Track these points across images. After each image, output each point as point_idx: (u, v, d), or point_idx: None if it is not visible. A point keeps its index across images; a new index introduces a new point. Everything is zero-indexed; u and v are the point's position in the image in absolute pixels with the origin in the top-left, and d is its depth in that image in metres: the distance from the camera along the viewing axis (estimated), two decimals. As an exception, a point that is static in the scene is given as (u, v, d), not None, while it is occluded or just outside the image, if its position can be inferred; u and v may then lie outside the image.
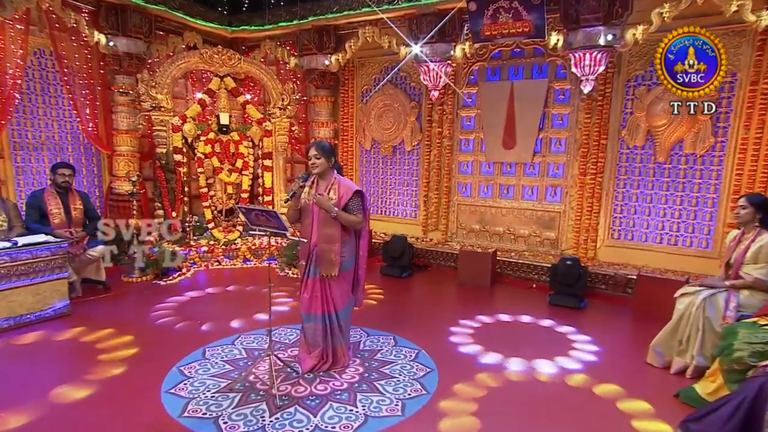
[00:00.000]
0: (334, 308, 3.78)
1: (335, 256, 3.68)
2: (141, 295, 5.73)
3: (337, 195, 3.67)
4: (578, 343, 4.56)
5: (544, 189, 6.98)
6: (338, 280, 3.75)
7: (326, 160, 3.70)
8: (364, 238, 3.92)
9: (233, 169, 7.61)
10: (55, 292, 4.71)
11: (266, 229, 3.45)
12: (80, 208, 5.54)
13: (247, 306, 5.34)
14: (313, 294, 3.75)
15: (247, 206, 3.47)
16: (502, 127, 7.10)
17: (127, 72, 7.29)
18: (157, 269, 6.29)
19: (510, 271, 6.72)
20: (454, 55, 6.83)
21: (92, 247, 5.50)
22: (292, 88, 7.84)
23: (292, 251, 6.96)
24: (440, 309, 5.61)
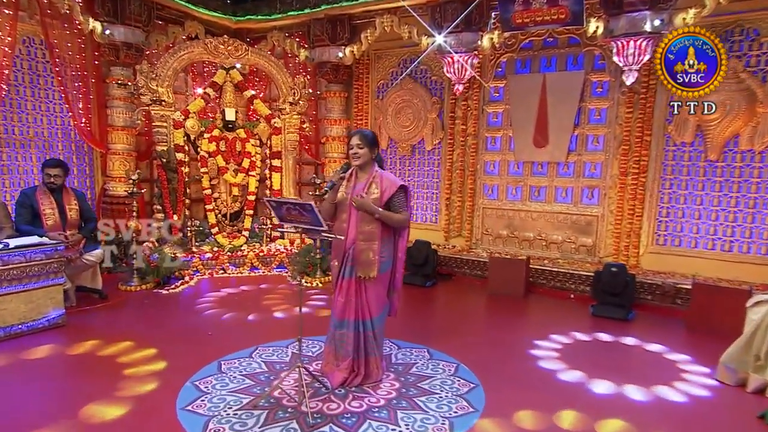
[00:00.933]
0: (369, 314, 3.62)
1: (374, 256, 3.53)
2: (142, 304, 5.58)
3: (380, 189, 3.53)
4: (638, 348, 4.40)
5: (579, 191, 6.84)
6: (375, 283, 3.60)
7: (369, 150, 3.57)
8: (404, 238, 3.77)
9: (239, 169, 7.47)
10: (49, 300, 4.54)
11: (298, 225, 3.30)
12: (76, 208, 5.38)
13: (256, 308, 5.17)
14: (347, 297, 3.60)
15: (278, 199, 3.32)
16: (533, 124, 6.98)
17: (124, 63, 7.18)
18: (158, 277, 6.13)
19: (543, 281, 6.56)
20: (482, 45, 6.72)
21: (89, 252, 5.34)
22: (303, 81, 7.73)
23: (305, 258, 6.80)
24: (473, 320, 5.49)
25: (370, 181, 3.57)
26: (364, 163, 3.58)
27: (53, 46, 6.64)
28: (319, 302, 5.80)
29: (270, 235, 7.65)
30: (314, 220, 3.17)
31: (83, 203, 5.52)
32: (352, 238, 3.56)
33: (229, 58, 7.40)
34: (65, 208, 5.30)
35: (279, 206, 3.31)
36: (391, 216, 3.50)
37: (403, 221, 3.58)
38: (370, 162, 3.60)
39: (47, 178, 5.19)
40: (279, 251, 7.27)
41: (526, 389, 3.71)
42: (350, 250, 3.56)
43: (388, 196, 3.52)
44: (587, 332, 5.00)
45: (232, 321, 5.08)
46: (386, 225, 3.55)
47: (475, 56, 6.85)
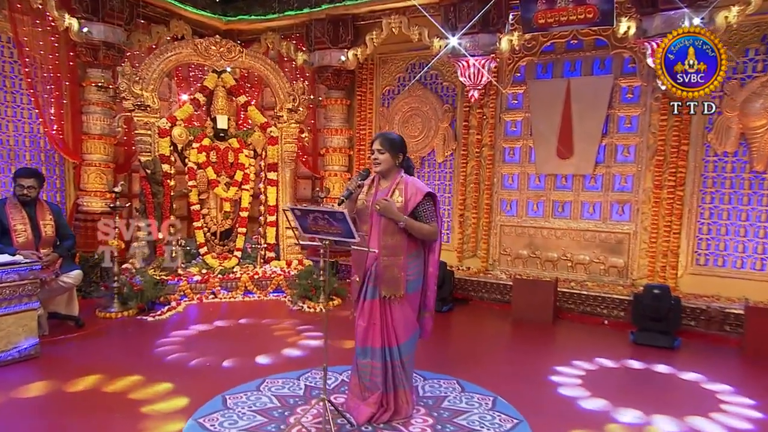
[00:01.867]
0: (396, 340, 3.43)
1: (400, 272, 3.35)
2: (125, 333, 5.33)
3: (404, 197, 3.37)
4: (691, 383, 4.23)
5: (608, 206, 6.74)
6: (402, 304, 3.42)
7: (392, 156, 3.42)
8: (435, 252, 3.59)
9: (231, 182, 7.27)
10: (21, 327, 4.28)
11: (326, 237, 3.12)
12: (51, 224, 5.14)
13: (264, 344, 4.96)
14: (370, 321, 3.41)
15: (302, 207, 3.14)
16: (555, 133, 6.91)
17: (103, 65, 7.04)
18: (142, 302, 5.87)
19: (572, 305, 6.40)
20: (500, 48, 6.66)
21: (66, 273, 5.09)
22: (302, 87, 7.61)
23: (306, 280, 6.60)
24: (502, 349, 5.34)
25: (393, 188, 3.41)
26: (386, 170, 3.43)
27: (23, 45, 6.46)
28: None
29: (264, 256, 7.43)
30: (346, 230, 2.99)
31: (59, 219, 5.29)
32: (374, 254, 3.38)
33: (222, 60, 7.26)
34: (39, 223, 5.06)
35: (304, 215, 3.13)
36: (419, 227, 3.33)
37: (432, 233, 3.40)
38: (394, 169, 3.44)
39: (20, 189, 4.95)
40: (275, 273, 7.05)
41: (577, 426, 3.51)
42: (372, 266, 3.39)
43: (413, 205, 3.35)
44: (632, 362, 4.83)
45: (231, 351, 4.84)
46: (413, 237, 3.38)
47: (492, 60, 6.79)
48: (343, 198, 3.37)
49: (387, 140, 3.44)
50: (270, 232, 7.55)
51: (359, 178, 3.49)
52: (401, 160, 3.47)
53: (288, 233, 7.60)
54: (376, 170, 3.45)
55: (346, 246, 3.17)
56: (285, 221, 7.58)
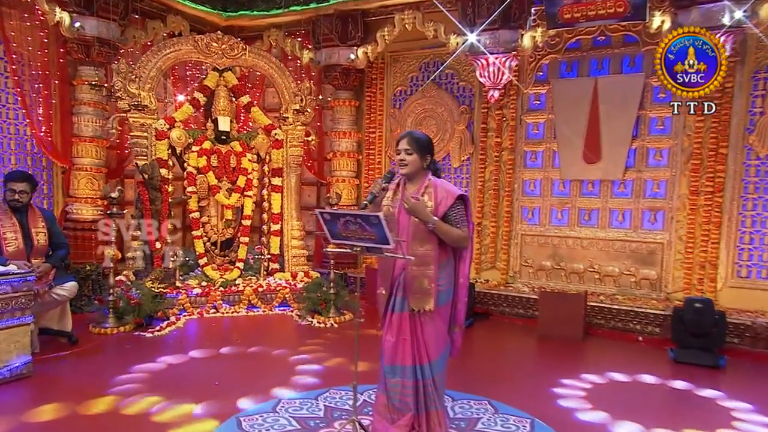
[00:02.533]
0: (427, 357, 3.32)
1: (430, 284, 3.25)
2: (123, 350, 5.22)
3: (434, 200, 3.28)
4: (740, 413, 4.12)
5: (639, 214, 6.68)
6: (433, 318, 3.31)
7: (420, 157, 3.32)
8: (466, 261, 3.49)
9: (233, 188, 7.19)
10: (13, 344, 4.17)
11: (357, 244, 3.03)
12: (44, 232, 5.03)
13: (275, 362, 4.85)
14: (399, 337, 3.30)
15: (333, 211, 3.05)
16: (582, 136, 6.85)
17: (96, 62, 6.98)
18: (139, 317, 5.76)
19: (601, 320, 6.31)
20: (521, 45, 6.62)
21: (60, 284, 4.98)
22: (308, 87, 7.55)
23: (315, 293, 6.50)
24: (532, 367, 5.25)
25: (422, 191, 3.32)
26: (413, 173, 3.33)
27: (9, 40, 6.40)
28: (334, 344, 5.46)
29: (268, 268, 7.33)
30: (380, 235, 2.90)
31: (53, 226, 5.19)
32: (402, 263, 3.29)
33: (223, 58, 7.20)
34: (31, 231, 4.94)
35: (334, 219, 3.04)
36: (450, 231, 3.23)
37: (464, 238, 3.31)
38: (421, 171, 3.35)
39: (10, 194, 4.85)
40: (281, 286, 6.95)
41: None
42: (400, 277, 3.30)
43: (444, 209, 3.25)
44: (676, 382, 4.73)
45: (241, 367, 4.73)
46: (444, 245, 3.29)
47: (513, 57, 6.74)
48: (366, 202, 3.29)
49: (415, 140, 3.34)
50: (274, 242, 7.46)
51: (383, 180, 3.39)
52: (429, 161, 3.39)
53: (293, 243, 7.52)
54: (403, 172, 3.35)
55: (379, 253, 3.08)
56: (289, 230, 7.52)
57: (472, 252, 3.55)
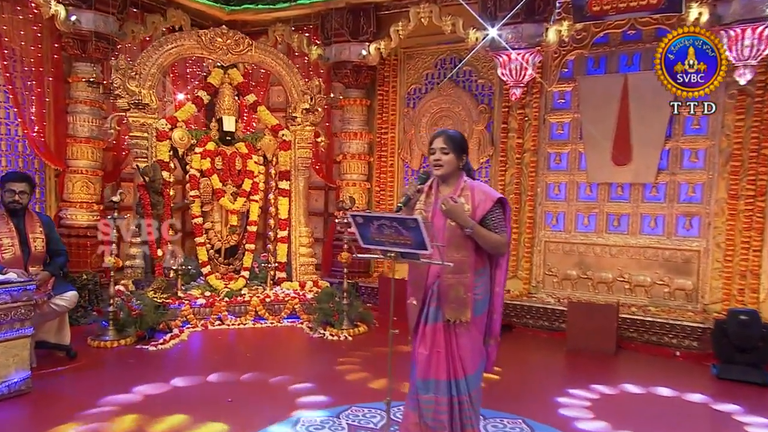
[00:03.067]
0: (463, 371, 3.25)
1: (467, 293, 3.20)
2: (126, 364, 5.15)
3: (471, 204, 3.22)
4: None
5: (673, 219, 6.62)
6: (469, 330, 3.25)
7: (456, 157, 3.27)
8: (503, 268, 3.44)
9: (239, 192, 7.13)
10: (12, 358, 4.09)
11: (391, 249, 2.95)
12: (41, 237, 4.98)
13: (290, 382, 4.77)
14: (433, 349, 3.24)
15: (366, 213, 2.98)
16: (610, 136, 6.79)
17: (93, 58, 6.96)
18: (141, 329, 5.68)
19: (633, 333, 6.22)
20: (546, 39, 6.56)
21: (60, 294, 4.91)
22: (318, 85, 7.50)
23: (327, 304, 6.42)
24: (563, 382, 5.12)
25: (457, 193, 3.26)
26: (448, 173, 3.27)
27: (1, 35, 6.39)
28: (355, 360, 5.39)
29: (274, 277, 7.25)
30: (417, 240, 2.83)
31: (51, 232, 5.14)
32: (436, 270, 3.25)
33: (228, 54, 7.14)
34: (28, 237, 4.89)
35: (367, 223, 2.97)
36: (488, 236, 3.17)
37: (502, 244, 3.26)
38: (457, 172, 3.30)
39: (9, 195, 4.79)
40: (289, 296, 6.87)
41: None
42: (434, 285, 3.25)
43: (482, 213, 3.20)
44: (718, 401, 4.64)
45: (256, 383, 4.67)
46: (480, 251, 3.23)
47: (537, 53, 6.68)
48: (400, 205, 3.21)
49: (450, 138, 3.28)
50: (281, 250, 7.40)
51: (418, 181, 3.34)
52: (464, 162, 3.33)
53: (301, 251, 7.46)
54: (438, 173, 3.29)
55: (414, 259, 3.00)
56: (297, 237, 7.45)
57: (509, 259, 3.48)
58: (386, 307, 7.04)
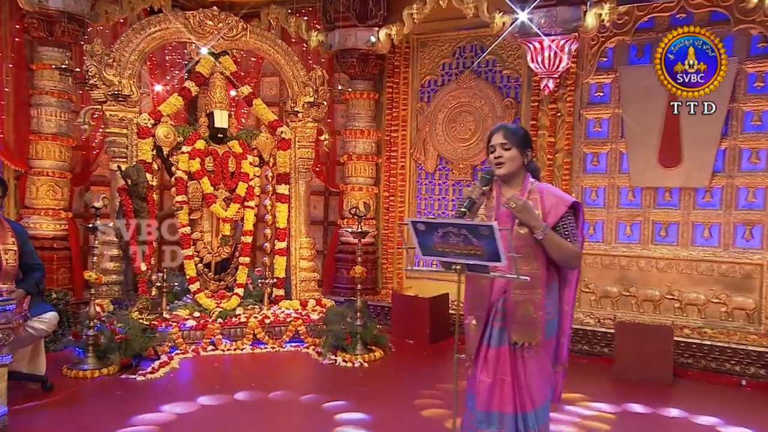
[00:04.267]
0: (531, 403, 3.18)
1: (537, 311, 3.13)
2: (114, 398, 4.98)
3: (541, 209, 3.16)
4: None
5: (731, 228, 6.61)
6: (538, 354, 3.19)
7: (519, 152, 3.22)
8: (572, 285, 3.39)
9: (232, 197, 7.00)
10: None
11: (457, 260, 2.85)
12: (14, 249, 4.83)
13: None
14: (496, 377, 3.16)
15: (429, 220, 2.88)
16: (657, 134, 6.79)
17: (61, 42, 6.87)
18: (126, 356, 5.52)
19: (689, 359, 6.15)
20: (584, 24, 6.54)
21: (38, 315, 4.75)
22: (321, 75, 7.39)
23: (338, 325, 6.29)
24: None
25: (525, 196, 3.19)
26: (512, 172, 3.22)
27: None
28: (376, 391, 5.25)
29: (271, 295, 7.10)
30: (490, 250, 2.72)
31: (25, 244, 5.01)
32: (501, 285, 3.17)
33: (220, 39, 7.02)
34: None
35: (430, 230, 2.86)
36: (562, 244, 3.10)
37: (576, 256, 3.20)
38: (521, 171, 3.25)
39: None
40: (290, 317, 6.73)
41: None
42: (499, 303, 3.18)
43: (554, 220, 3.13)
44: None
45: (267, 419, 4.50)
46: (551, 263, 3.17)
47: (574, 40, 6.66)
48: (464, 210, 3.11)
49: (512, 132, 3.24)
50: (279, 264, 7.26)
51: (482, 183, 3.26)
52: (528, 159, 3.27)
53: (302, 264, 7.33)
54: (500, 172, 3.22)
55: (483, 272, 2.90)
56: (298, 249, 7.33)
57: (580, 273, 3.39)
58: (401, 328, 7.00)
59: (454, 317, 7.17)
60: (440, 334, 7.08)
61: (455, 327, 3.24)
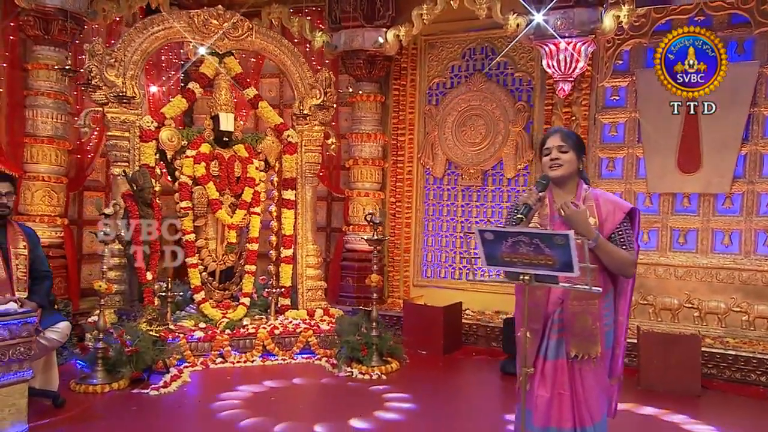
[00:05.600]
0: (590, 418, 3.17)
1: (595, 323, 3.15)
2: (130, 414, 4.90)
3: (597, 217, 3.18)
4: None
5: (752, 235, 6.67)
6: (597, 366, 3.20)
7: (576, 156, 3.25)
8: (627, 295, 3.39)
9: (238, 203, 6.94)
10: (8, 408, 3.88)
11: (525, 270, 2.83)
12: (25, 255, 4.81)
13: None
14: (554, 391, 3.16)
15: (498, 229, 2.86)
16: (675, 139, 6.83)
17: (57, 42, 6.80)
18: (137, 370, 5.44)
19: (713, 370, 6.18)
20: (601, 26, 6.59)
21: (50, 326, 4.67)
22: (328, 77, 7.37)
23: (353, 335, 6.26)
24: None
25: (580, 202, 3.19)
26: (567, 176, 3.24)
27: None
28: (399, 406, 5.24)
29: (277, 304, 7.05)
30: (563, 260, 2.70)
31: (36, 248, 4.98)
32: (558, 296, 3.18)
33: (225, 39, 6.96)
34: (10, 254, 4.68)
35: (499, 240, 2.84)
36: (616, 252, 3.12)
37: (631, 264, 3.20)
38: (575, 176, 3.28)
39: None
40: (299, 327, 6.67)
41: None
42: (555, 314, 3.19)
43: (611, 228, 3.17)
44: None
45: None
46: (607, 272, 3.19)
47: (591, 42, 6.70)
48: (522, 216, 3.11)
49: (568, 135, 3.28)
50: (285, 272, 7.21)
51: (538, 188, 3.25)
52: (583, 164, 3.30)
53: (309, 273, 7.30)
54: (556, 174, 3.23)
55: (552, 282, 2.89)
56: (304, 256, 7.29)
57: (635, 283, 3.40)
58: (413, 338, 6.97)
59: (467, 326, 7.28)
60: (453, 345, 7.08)
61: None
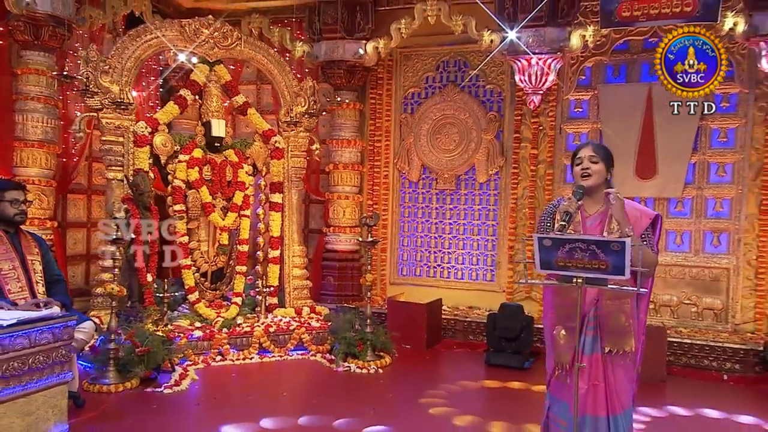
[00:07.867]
0: (620, 406, 3.28)
1: (628, 320, 3.26)
2: (150, 411, 4.80)
3: (626, 222, 3.27)
4: None
5: (701, 235, 6.92)
6: (626, 360, 3.31)
7: (605, 167, 3.37)
8: (647, 295, 3.51)
9: (229, 206, 6.83)
10: (51, 409, 3.68)
11: (578, 274, 2.91)
12: (38, 260, 4.63)
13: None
14: (590, 382, 3.25)
15: (557, 236, 2.93)
16: (634, 148, 7.07)
17: (47, 47, 6.54)
18: (148, 369, 5.30)
19: (671, 357, 6.42)
20: (569, 45, 6.75)
21: (77, 326, 4.46)
22: (312, 86, 7.33)
23: (348, 332, 6.27)
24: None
25: (609, 213, 3.31)
26: (597, 185, 3.34)
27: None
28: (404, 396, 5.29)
29: (266, 303, 6.97)
30: (617, 264, 2.81)
31: (47, 254, 4.78)
32: (593, 296, 3.28)
33: (215, 48, 6.84)
34: (27, 261, 4.49)
35: (556, 246, 2.91)
36: (645, 252, 3.19)
37: (655, 263, 3.36)
38: (603, 187, 3.37)
39: (14, 207, 4.42)
40: (291, 325, 6.62)
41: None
42: (591, 313, 3.27)
43: (638, 233, 3.26)
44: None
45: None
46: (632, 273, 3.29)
47: (559, 59, 6.86)
48: (564, 223, 3.20)
49: (600, 147, 3.42)
50: (272, 272, 7.13)
51: (576, 197, 3.32)
52: (611, 175, 3.42)
53: (295, 272, 7.25)
54: (588, 183, 3.34)
55: (601, 285, 2.99)
56: (291, 257, 7.24)
57: (653, 284, 3.55)
58: (398, 332, 6.97)
59: (445, 321, 7.35)
60: (435, 339, 7.16)
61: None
